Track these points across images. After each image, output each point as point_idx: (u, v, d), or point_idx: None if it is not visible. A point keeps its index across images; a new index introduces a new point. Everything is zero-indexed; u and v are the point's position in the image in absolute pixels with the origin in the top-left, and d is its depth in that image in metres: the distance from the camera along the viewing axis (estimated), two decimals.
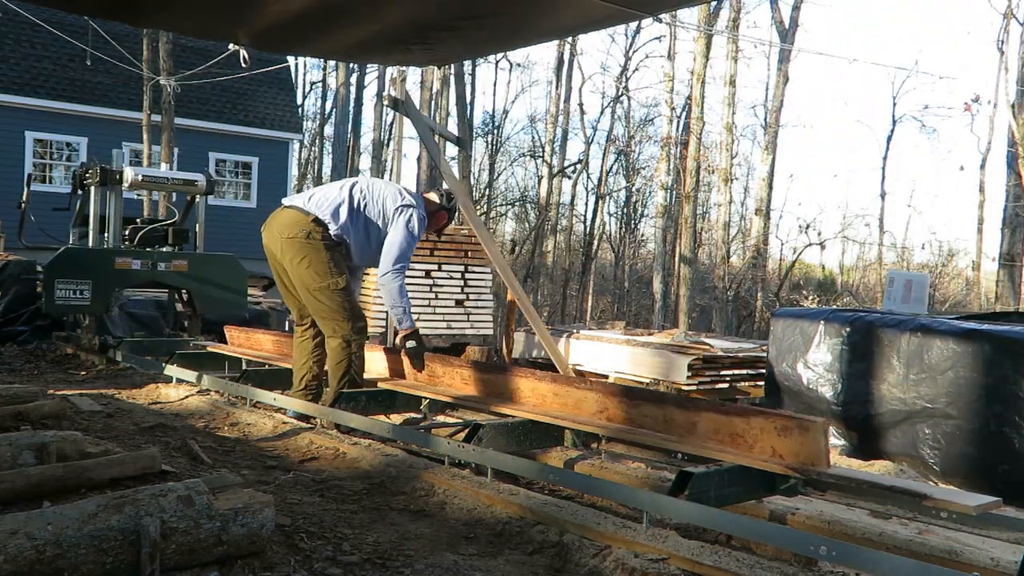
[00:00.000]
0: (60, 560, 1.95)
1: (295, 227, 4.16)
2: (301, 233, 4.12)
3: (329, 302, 4.14)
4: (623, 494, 3.00)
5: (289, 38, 5.58)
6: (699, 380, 7.52)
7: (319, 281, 4.12)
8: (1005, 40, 19.29)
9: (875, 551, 2.54)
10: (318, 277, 4.12)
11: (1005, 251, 16.06)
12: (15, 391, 4.02)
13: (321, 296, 4.14)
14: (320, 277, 4.11)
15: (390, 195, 4.28)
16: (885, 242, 25.33)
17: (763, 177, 19.81)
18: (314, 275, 4.12)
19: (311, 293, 4.17)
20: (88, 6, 6.47)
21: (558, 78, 24.04)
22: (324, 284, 4.11)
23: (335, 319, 4.18)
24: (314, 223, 4.13)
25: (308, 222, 4.13)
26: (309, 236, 4.11)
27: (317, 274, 4.12)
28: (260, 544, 2.32)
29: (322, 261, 4.11)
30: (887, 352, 5.20)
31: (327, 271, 4.11)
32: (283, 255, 4.24)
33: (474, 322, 8.95)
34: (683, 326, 15.44)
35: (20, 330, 7.74)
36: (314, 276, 4.13)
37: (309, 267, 4.13)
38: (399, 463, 3.50)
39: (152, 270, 6.67)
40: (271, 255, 4.36)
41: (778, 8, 20.49)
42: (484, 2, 4.52)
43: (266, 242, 4.36)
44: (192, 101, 17.83)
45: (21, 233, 7.53)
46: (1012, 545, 3.11)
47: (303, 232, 4.12)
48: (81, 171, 7.10)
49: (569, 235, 26.20)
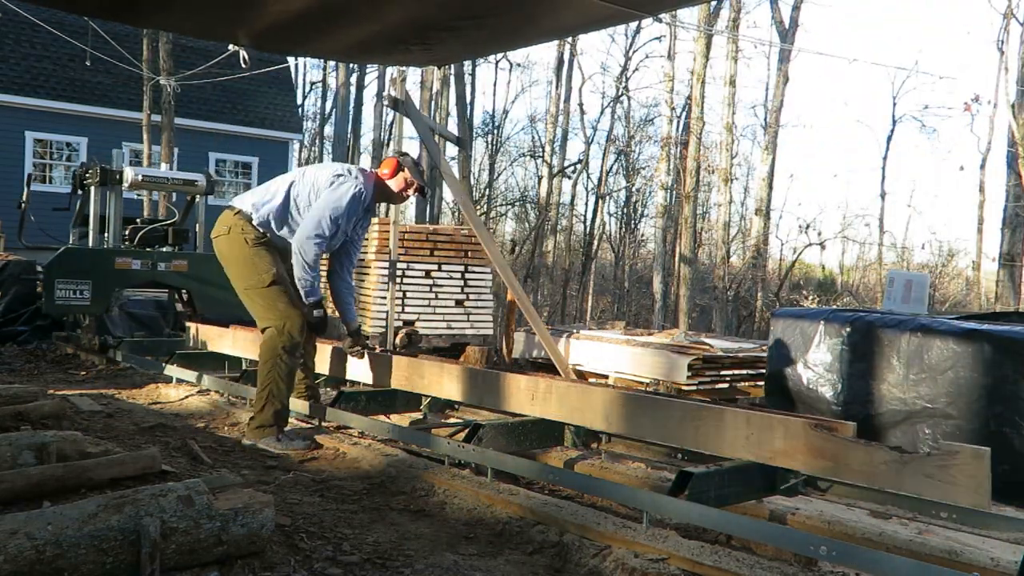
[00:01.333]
0: (60, 560, 1.95)
1: (221, 225, 3.98)
2: (224, 229, 3.94)
3: (258, 300, 3.89)
4: (623, 494, 3.00)
5: (289, 38, 5.57)
6: (699, 380, 7.51)
7: (244, 281, 3.91)
8: (1005, 40, 19.28)
9: (875, 551, 2.54)
10: (242, 277, 3.91)
11: (1005, 251, 16.05)
12: (15, 391, 4.02)
13: (247, 297, 3.93)
14: (244, 277, 3.91)
15: (325, 173, 3.99)
16: (885, 242, 25.34)
17: (763, 177, 19.81)
18: (237, 274, 3.93)
19: (240, 294, 3.96)
20: (88, 6, 6.47)
21: (558, 78, 24.05)
22: (249, 283, 3.89)
23: (264, 318, 3.89)
24: (237, 216, 3.93)
25: (231, 216, 3.93)
26: (230, 231, 3.92)
27: (240, 274, 3.92)
28: (260, 544, 2.33)
29: (244, 258, 3.89)
30: (887, 352, 5.20)
31: (251, 270, 3.88)
32: (218, 256, 4.06)
33: (474, 322, 8.95)
34: (683, 326, 15.44)
35: (20, 330, 7.74)
36: (238, 275, 3.93)
37: (232, 265, 3.94)
38: (399, 463, 3.50)
39: (152, 270, 6.67)
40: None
41: (778, 8, 20.50)
42: (484, 2, 4.52)
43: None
44: (192, 101, 17.83)
45: (21, 233, 7.54)
46: (1012, 545, 3.11)
47: (226, 228, 3.94)
48: (81, 171, 7.11)
49: (569, 235, 26.19)
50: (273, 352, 3.82)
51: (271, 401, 3.81)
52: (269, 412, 3.80)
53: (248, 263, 3.87)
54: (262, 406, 3.81)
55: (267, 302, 3.86)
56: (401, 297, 8.62)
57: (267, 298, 3.86)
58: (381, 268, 7.94)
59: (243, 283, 3.91)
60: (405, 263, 8.28)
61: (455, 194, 8.76)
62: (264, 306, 3.87)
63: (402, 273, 8.21)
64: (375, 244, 8.37)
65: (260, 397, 3.84)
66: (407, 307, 8.39)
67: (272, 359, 3.82)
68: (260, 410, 3.82)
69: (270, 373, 3.81)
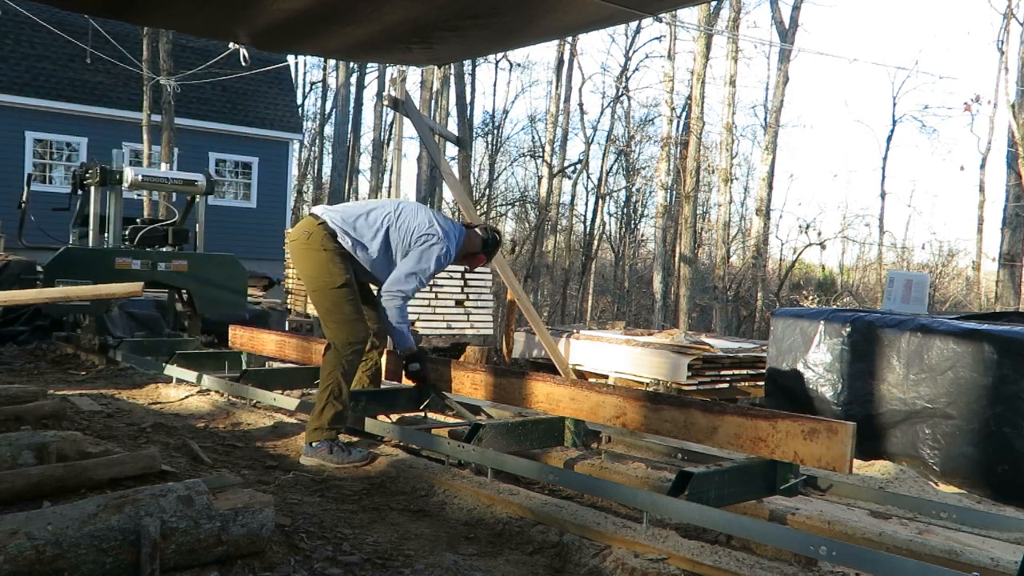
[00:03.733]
0: (60, 560, 1.95)
1: (300, 230, 4.01)
2: (303, 235, 3.96)
3: (326, 302, 3.91)
4: (623, 494, 2.99)
5: (289, 37, 5.58)
6: (699, 380, 7.52)
7: (315, 282, 3.93)
8: (1005, 40, 19.28)
9: (875, 551, 2.54)
10: (315, 278, 3.93)
11: (1005, 251, 16.05)
12: (15, 391, 4.02)
13: (318, 297, 3.94)
14: (316, 278, 3.93)
15: (419, 223, 4.01)
16: (885, 242, 25.34)
17: (763, 177, 19.80)
18: (311, 275, 3.95)
19: (312, 295, 4.00)
20: (89, 4, 6.46)
21: (558, 78, 24.04)
22: (321, 284, 3.91)
23: (330, 321, 3.91)
24: (320, 227, 3.94)
25: (315, 226, 3.96)
26: (310, 237, 3.93)
27: (314, 275, 3.94)
28: (260, 544, 2.32)
29: (320, 262, 3.91)
30: (887, 352, 5.20)
31: (325, 271, 3.90)
32: (292, 261, 4.14)
33: (474, 322, 8.96)
34: (683, 326, 15.45)
35: (20, 330, 7.74)
36: (311, 276, 3.95)
37: (307, 266, 3.97)
38: (399, 463, 3.50)
39: (152, 270, 6.67)
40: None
41: (778, 8, 20.50)
42: (484, 2, 4.51)
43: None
44: (192, 101, 17.83)
45: (21, 233, 7.54)
46: (1012, 545, 3.11)
47: (305, 234, 3.95)
48: (81, 171, 7.10)
49: (569, 235, 26.20)
50: (336, 361, 3.85)
51: (331, 403, 3.81)
52: (329, 415, 3.79)
53: (324, 266, 3.91)
54: (322, 408, 3.81)
55: (333, 304, 3.90)
56: None
57: (335, 299, 3.89)
58: None
59: (314, 283, 3.94)
60: None
61: (455, 194, 8.76)
62: (329, 308, 3.91)
63: None
64: None
65: (321, 399, 3.84)
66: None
67: (336, 368, 3.84)
68: (320, 413, 3.81)
69: (330, 375, 3.83)
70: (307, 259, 3.97)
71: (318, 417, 3.78)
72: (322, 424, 3.76)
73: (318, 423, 3.77)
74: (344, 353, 3.84)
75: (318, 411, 3.80)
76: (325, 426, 3.76)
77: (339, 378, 3.81)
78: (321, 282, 3.90)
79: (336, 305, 3.89)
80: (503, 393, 4.00)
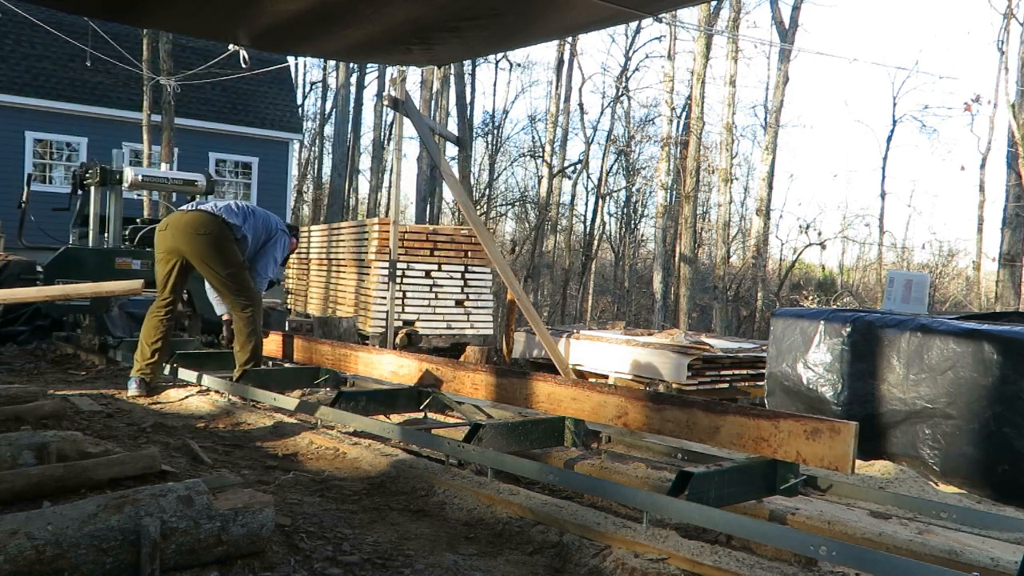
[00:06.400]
0: (60, 560, 1.95)
1: (209, 224, 5.00)
2: (216, 229, 5.00)
3: (236, 282, 5.11)
4: (623, 494, 2.99)
5: (289, 38, 5.57)
6: (699, 380, 7.52)
7: (229, 267, 5.06)
8: (1005, 40, 19.29)
9: (875, 551, 2.53)
10: (229, 262, 5.06)
11: (1005, 251, 16.05)
12: (15, 391, 4.02)
13: (231, 277, 5.09)
14: (229, 263, 5.06)
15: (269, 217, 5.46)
16: (885, 242, 25.34)
17: (763, 177, 19.81)
18: (225, 260, 5.04)
19: (223, 274, 5.09)
20: (89, 6, 6.46)
21: (558, 78, 24.06)
22: (235, 268, 5.09)
23: (239, 294, 5.13)
24: (223, 223, 5.05)
25: (219, 223, 5.04)
26: (222, 230, 5.03)
27: (228, 260, 5.05)
28: (260, 544, 2.32)
29: (233, 251, 5.10)
30: (887, 352, 5.20)
31: (238, 258, 5.12)
32: (193, 245, 5.02)
33: (474, 322, 8.95)
34: (683, 326, 15.45)
35: (20, 330, 7.73)
36: (225, 261, 5.05)
37: (221, 253, 5.03)
38: (399, 463, 3.50)
39: (152, 270, 6.66)
40: (174, 248, 5.06)
41: (778, 8, 20.50)
42: (484, 2, 4.51)
43: (170, 238, 5.04)
44: (192, 101, 17.84)
45: (21, 233, 7.54)
46: (1012, 545, 3.11)
47: (217, 228, 5.01)
48: (81, 171, 7.10)
49: (569, 235, 26.20)
50: (251, 323, 5.24)
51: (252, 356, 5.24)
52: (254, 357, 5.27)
53: (235, 254, 5.15)
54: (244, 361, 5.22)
55: (242, 282, 5.18)
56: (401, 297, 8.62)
57: (244, 279, 5.18)
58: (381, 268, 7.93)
59: (227, 268, 5.08)
60: (405, 263, 8.27)
61: (455, 194, 8.76)
62: (238, 286, 5.17)
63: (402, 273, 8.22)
64: (375, 244, 8.37)
65: (242, 361, 5.23)
66: (407, 307, 8.37)
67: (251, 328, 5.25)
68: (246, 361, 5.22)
69: (250, 335, 5.25)
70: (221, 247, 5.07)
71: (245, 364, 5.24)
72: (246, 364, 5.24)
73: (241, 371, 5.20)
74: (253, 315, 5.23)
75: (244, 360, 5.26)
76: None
77: (255, 340, 5.27)
78: (234, 267, 5.12)
79: (244, 282, 5.19)
80: (504, 393, 4.01)
